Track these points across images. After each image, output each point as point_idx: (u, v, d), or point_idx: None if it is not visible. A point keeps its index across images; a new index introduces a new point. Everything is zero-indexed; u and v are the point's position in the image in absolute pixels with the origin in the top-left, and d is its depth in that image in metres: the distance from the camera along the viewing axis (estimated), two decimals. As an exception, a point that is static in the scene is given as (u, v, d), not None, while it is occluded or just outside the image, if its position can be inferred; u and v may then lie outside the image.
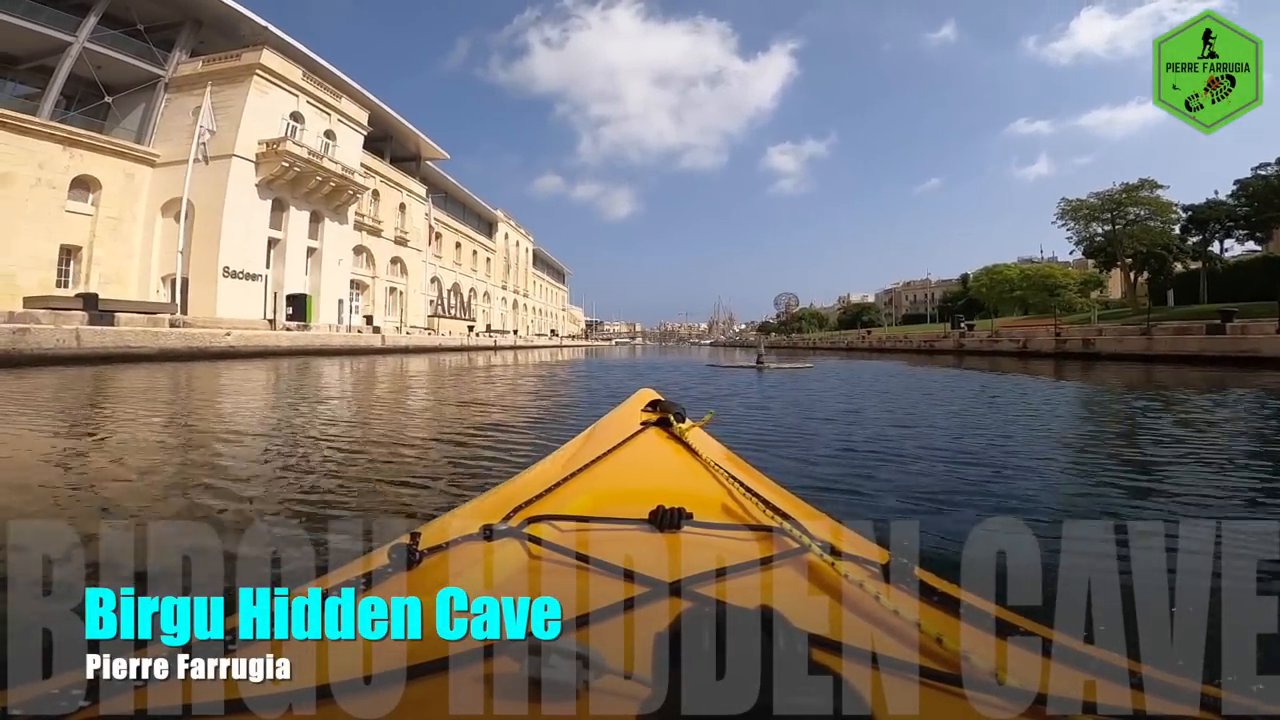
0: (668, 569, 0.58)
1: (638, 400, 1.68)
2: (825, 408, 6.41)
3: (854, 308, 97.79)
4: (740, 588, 0.57)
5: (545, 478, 0.95)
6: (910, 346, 33.67)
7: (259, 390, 8.35)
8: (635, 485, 0.96)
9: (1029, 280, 46.73)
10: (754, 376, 12.16)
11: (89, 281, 22.14)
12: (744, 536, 0.73)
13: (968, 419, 5.58)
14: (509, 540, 0.68)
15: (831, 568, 0.60)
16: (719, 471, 0.99)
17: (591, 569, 0.60)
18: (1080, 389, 9.45)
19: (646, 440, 1.26)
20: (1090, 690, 0.42)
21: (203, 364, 13.60)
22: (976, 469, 3.27)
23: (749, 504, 0.84)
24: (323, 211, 29.28)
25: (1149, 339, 18.04)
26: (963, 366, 17.88)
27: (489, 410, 6.22)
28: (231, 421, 5.18)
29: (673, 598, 0.53)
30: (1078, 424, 5.65)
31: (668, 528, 0.72)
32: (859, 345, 45.17)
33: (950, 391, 9.02)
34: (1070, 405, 7.19)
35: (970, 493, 2.72)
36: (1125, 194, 35.45)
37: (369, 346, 24.68)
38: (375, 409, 6.49)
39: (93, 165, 22.53)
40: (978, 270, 53.46)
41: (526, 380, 10.72)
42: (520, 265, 69.29)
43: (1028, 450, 3.91)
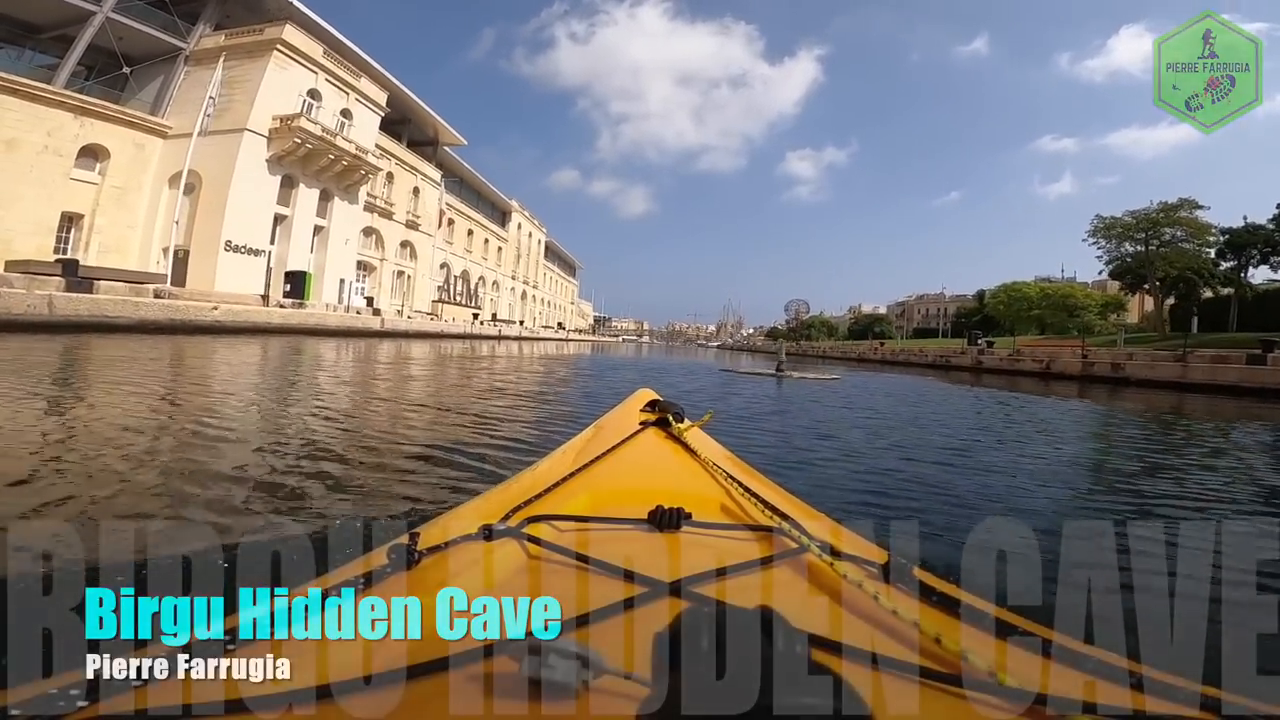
0: (667, 569, 0.57)
1: (637, 400, 1.68)
2: (911, 449, 4.39)
3: (865, 318, 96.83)
4: (740, 588, 0.57)
5: (544, 478, 0.94)
6: (924, 360, 32.68)
7: (214, 372, 7.68)
8: (634, 485, 0.95)
9: (1048, 299, 45.67)
10: (773, 388, 10.94)
11: (88, 249, 21.78)
12: (743, 536, 0.72)
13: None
14: (508, 540, 0.67)
15: (831, 568, 0.60)
16: (718, 471, 0.99)
17: (591, 569, 0.60)
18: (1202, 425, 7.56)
19: (646, 440, 1.25)
20: (1090, 690, 0.43)
21: (184, 338, 13.03)
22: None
23: (748, 504, 0.84)
24: (333, 190, 28.77)
25: (1184, 366, 17.04)
26: (966, 384, 17.05)
27: (462, 421, 5.49)
28: (126, 410, 4.38)
29: (672, 598, 0.53)
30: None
31: (667, 528, 0.71)
32: (870, 357, 44.07)
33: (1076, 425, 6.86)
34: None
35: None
36: (1162, 213, 34.23)
37: (366, 329, 24.00)
38: (324, 412, 4.93)
39: (103, 134, 22.13)
40: (995, 287, 52.41)
41: (518, 381, 9.96)
42: (531, 256, 68.74)
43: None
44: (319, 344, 15.33)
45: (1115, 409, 10.16)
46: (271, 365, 8.98)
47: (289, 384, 6.65)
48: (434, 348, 18.91)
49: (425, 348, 18.40)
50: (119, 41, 23.19)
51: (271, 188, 25.18)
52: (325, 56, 27.47)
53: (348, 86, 29.23)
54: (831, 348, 57.87)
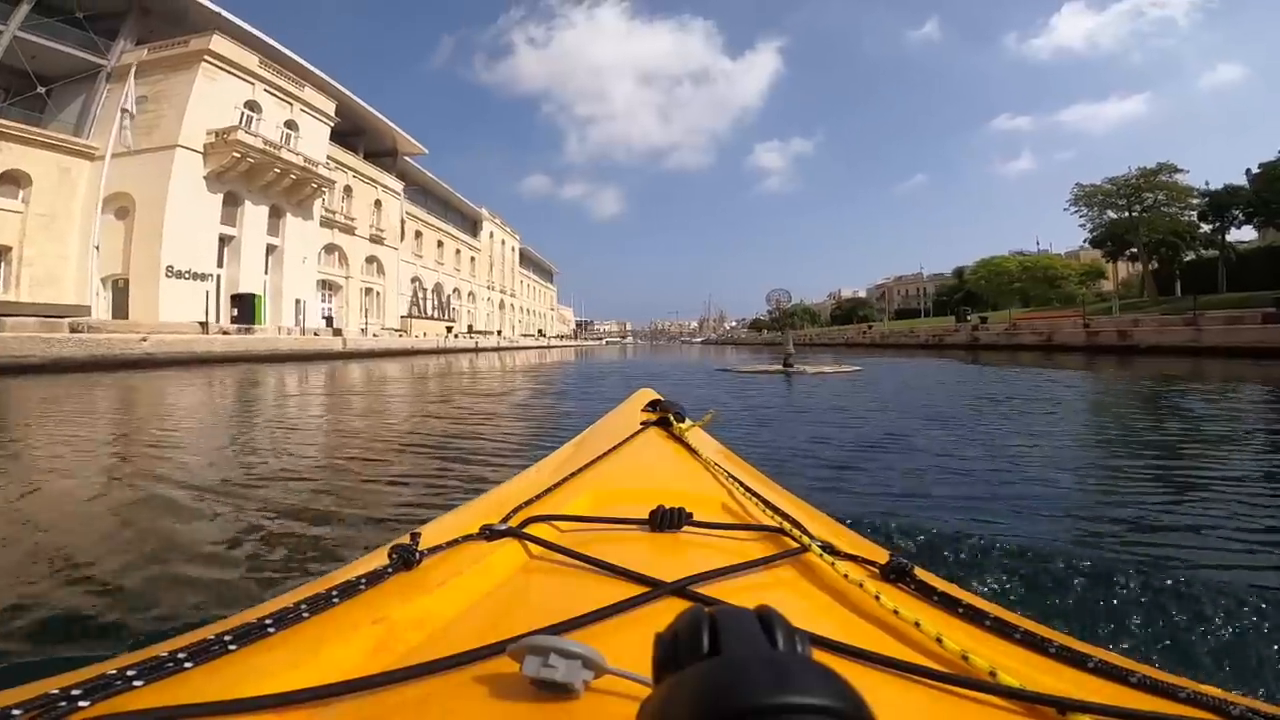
0: (668, 569, 0.57)
1: (637, 400, 1.68)
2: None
3: (847, 303, 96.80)
4: (741, 588, 0.57)
5: (544, 478, 0.94)
6: (915, 341, 31.73)
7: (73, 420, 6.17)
8: (635, 485, 0.95)
9: (1028, 272, 45.34)
10: (784, 388, 8.93)
11: (19, 284, 19.87)
12: (744, 536, 0.72)
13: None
14: (508, 540, 0.66)
15: (831, 567, 0.60)
16: (719, 471, 0.99)
17: (592, 569, 0.59)
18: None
19: (646, 440, 1.25)
20: (1090, 690, 0.42)
21: (104, 375, 11.36)
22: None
23: (749, 504, 0.83)
24: (284, 206, 26.96)
25: (1196, 330, 16.13)
26: (982, 362, 16.02)
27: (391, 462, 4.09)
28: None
29: (673, 598, 0.52)
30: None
31: (667, 528, 0.71)
32: (859, 341, 43.07)
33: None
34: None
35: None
36: (1142, 179, 33.90)
37: (327, 351, 22.11)
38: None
39: (22, 159, 20.20)
40: (975, 263, 52.13)
41: (478, 402, 8.51)
42: (507, 264, 66.99)
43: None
44: (268, 371, 13.73)
45: (1178, 379, 8.99)
46: (162, 405, 7.39)
47: (141, 431, 5.16)
48: (404, 366, 17.35)
49: (394, 367, 16.86)
50: (31, 61, 21.28)
51: (213, 207, 23.32)
52: (262, 66, 25.66)
53: (290, 97, 27.41)
54: (819, 334, 56.70)
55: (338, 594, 0.50)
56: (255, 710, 0.36)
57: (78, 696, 0.34)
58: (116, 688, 0.36)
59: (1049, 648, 0.48)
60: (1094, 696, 0.41)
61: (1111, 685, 0.44)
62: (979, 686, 0.41)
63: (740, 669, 0.22)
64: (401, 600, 0.51)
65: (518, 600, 0.57)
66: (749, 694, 0.21)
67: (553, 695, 0.36)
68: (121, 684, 0.36)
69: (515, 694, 0.37)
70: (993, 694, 0.41)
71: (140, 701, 0.35)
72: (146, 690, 0.37)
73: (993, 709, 0.40)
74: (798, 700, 0.21)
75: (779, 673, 0.22)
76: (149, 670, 0.38)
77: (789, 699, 0.21)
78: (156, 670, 0.38)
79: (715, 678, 0.22)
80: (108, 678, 0.36)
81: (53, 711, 0.33)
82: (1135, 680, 0.43)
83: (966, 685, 0.42)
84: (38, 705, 0.33)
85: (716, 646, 0.26)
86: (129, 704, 0.35)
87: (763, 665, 0.23)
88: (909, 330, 36.70)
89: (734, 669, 0.23)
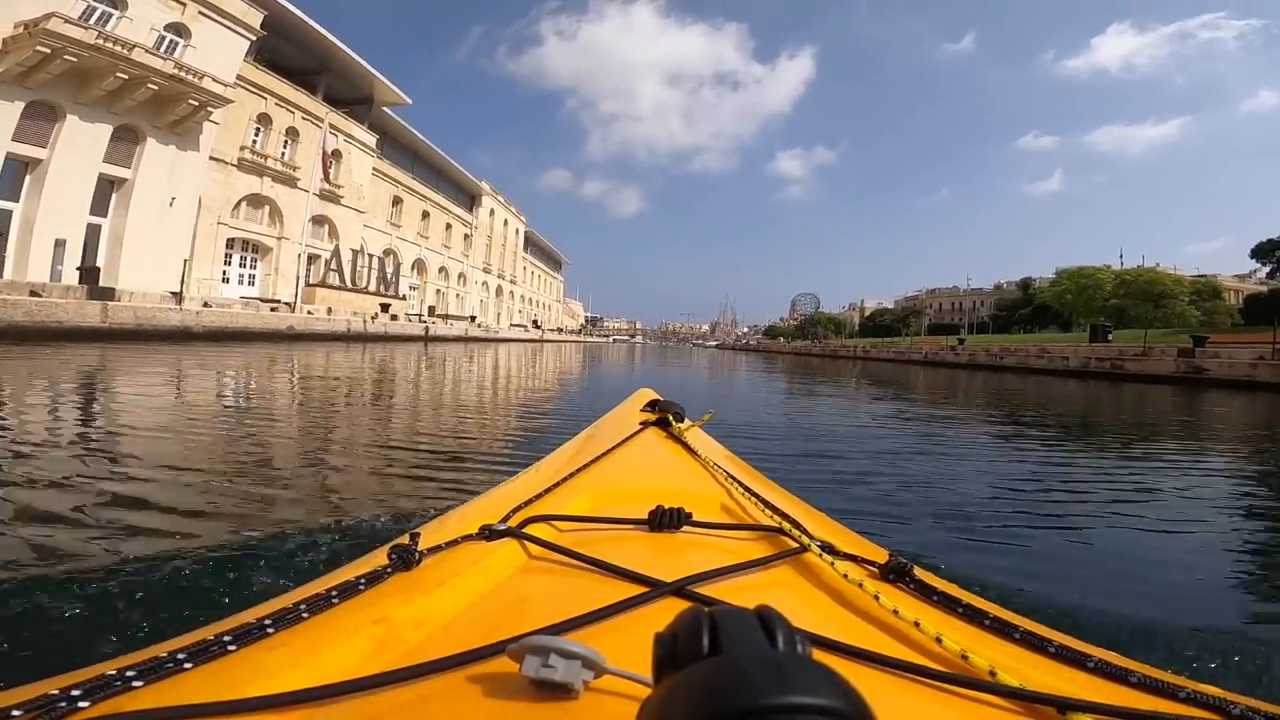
0: (668, 569, 0.56)
1: (637, 400, 1.64)
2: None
3: (878, 313, 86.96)
4: (740, 587, 0.55)
5: (544, 478, 0.92)
6: (1064, 367, 21.61)
7: None
8: (634, 485, 0.92)
9: (1127, 287, 35.89)
10: None
11: None
12: (744, 536, 0.70)
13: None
14: (508, 540, 0.64)
15: (832, 567, 0.58)
16: (718, 471, 0.97)
17: (591, 569, 0.58)
18: None
19: (646, 440, 1.21)
20: (1090, 690, 0.42)
21: None
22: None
23: (748, 504, 0.82)
24: (144, 129, 18.57)
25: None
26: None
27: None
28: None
29: (673, 598, 0.51)
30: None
31: (667, 528, 0.69)
32: (948, 360, 29.28)
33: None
34: None
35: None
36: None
37: (74, 325, 13.00)
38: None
39: None
40: (1058, 273, 42.81)
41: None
42: (508, 246, 58.30)
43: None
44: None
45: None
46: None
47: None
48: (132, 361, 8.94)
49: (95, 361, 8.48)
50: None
51: (6, 117, 14.99)
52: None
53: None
54: (871, 346, 46.17)
55: (337, 594, 0.49)
56: (255, 710, 0.34)
57: (77, 697, 0.33)
58: (116, 688, 0.35)
59: (1049, 647, 0.47)
60: (1094, 696, 0.40)
61: (1111, 685, 0.43)
62: (979, 686, 0.40)
63: (740, 669, 0.22)
64: (401, 600, 0.49)
65: (517, 600, 0.55)
66: (749, 694, 0.20)
67: (552, 695, 0.35)
68: (121, 684, 0.35)
69: (515, 694, 0.36)
70: (992, 694, 0.40)
71: (140, 702, 0.34)
72: (146, 691, 0.36)
73: (992, 708, 0.39)
74: (798, 700, 0.20)
75: (779, 673, 0.21)
76: (148, 671, 0.37)
77: (790, 699, 0.20)
78: (156, 671, 0.37)
79: (715, 678, 0.22)
80: (107, 678, 0.35)
81: (53, 712, 0.32)
82: (1135, 680, 0.43)
83: (966, 685, 0.41)
84: (38, 705, 0.32)
85: (716, 647, 0.26)
86: (129, 704, 0.34)
87: (763, 665, 0.22)
88: (1039, 349, 26.11)
89: (734, 669, 0.22)
